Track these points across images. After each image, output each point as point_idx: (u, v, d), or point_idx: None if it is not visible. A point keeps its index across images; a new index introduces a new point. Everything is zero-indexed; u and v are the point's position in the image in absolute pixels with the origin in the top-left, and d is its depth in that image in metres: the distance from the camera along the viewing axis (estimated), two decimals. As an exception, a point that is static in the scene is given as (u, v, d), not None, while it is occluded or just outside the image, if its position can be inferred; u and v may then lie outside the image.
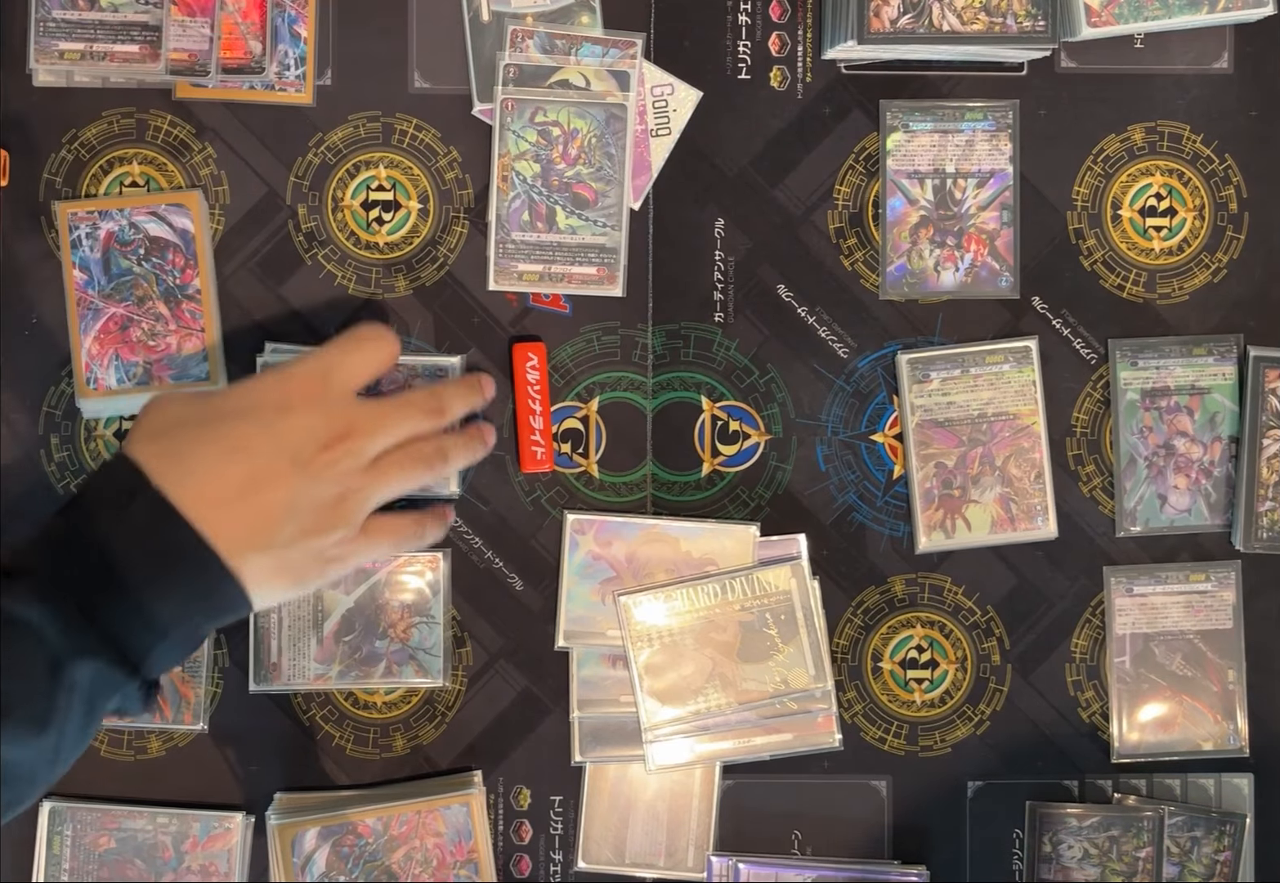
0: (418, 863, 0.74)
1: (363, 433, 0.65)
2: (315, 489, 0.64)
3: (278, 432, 0.63)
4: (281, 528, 0.63)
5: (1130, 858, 0.77)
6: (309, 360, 0.66)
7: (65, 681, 0.58)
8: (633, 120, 0.75)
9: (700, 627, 0.75)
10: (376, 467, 0.66)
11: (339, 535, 0.65)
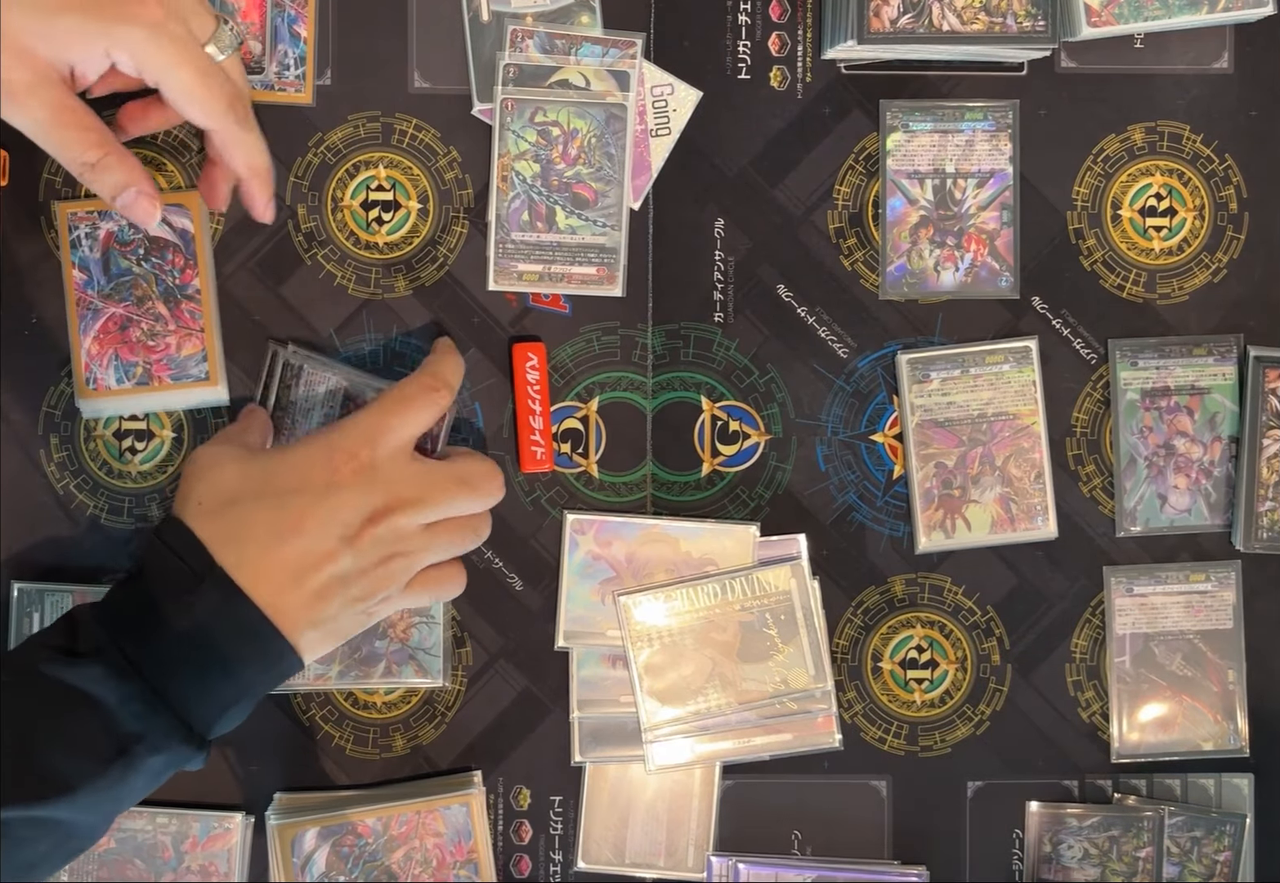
0: (418, 863, 0.74)
1: (409, 506, 0.65)
2: (363, 560, 0.64)
3: (329, 509, 0.64)
4: (332, 603, 0.64)
5: (1130, 858, 0.77)
6: (356, 427, 0.66)
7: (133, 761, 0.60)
8: (633, 120, 0.75)
9: (700, 627, 0.75)
10: (423, 534, 0.67)
11: (383, 596, 0.66)
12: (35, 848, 0.59)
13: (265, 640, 0.63)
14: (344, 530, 0.64)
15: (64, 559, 0.75)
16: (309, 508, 0.64)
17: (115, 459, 0.75)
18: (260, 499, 0.64)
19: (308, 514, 0.63)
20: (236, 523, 0.63)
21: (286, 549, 0.63)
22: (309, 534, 0.63)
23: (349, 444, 0.65)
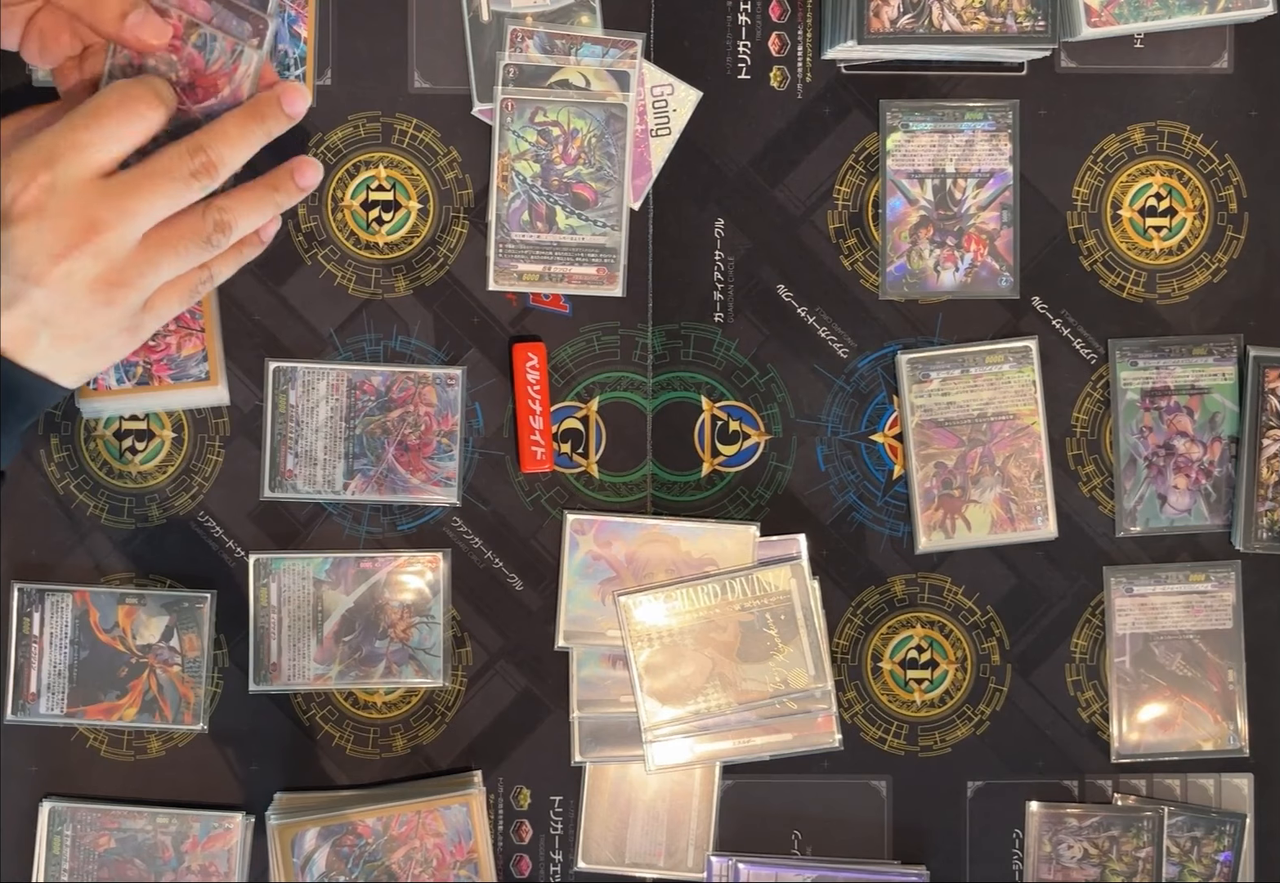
0: (418, 863, 0.74)
1: (107, 227, 0.56)
2: (64, 300, 0.57)
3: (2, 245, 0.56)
4: (34, 344, 0.57)
5: (1130, 858, 0.77)
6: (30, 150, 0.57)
7: None
8: (633, 120, 0.75)
9: (700, 627, 0.76)
10: (142, 255, 0.58)
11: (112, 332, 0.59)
12: None
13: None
14: (25, 269, 0.56)
15: (64, 559, 0.75)
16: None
17: (115, 459, 0.75)
18: None
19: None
20: None
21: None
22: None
23: (26, 165, 0.56)
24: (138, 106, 0.58)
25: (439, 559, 0.76)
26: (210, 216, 0.59)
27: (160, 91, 0.59)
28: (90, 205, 0.56)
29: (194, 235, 0.59)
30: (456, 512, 0.76)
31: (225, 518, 0.75)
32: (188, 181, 0.58)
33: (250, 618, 0.75)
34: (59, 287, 0.56)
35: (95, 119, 0.57)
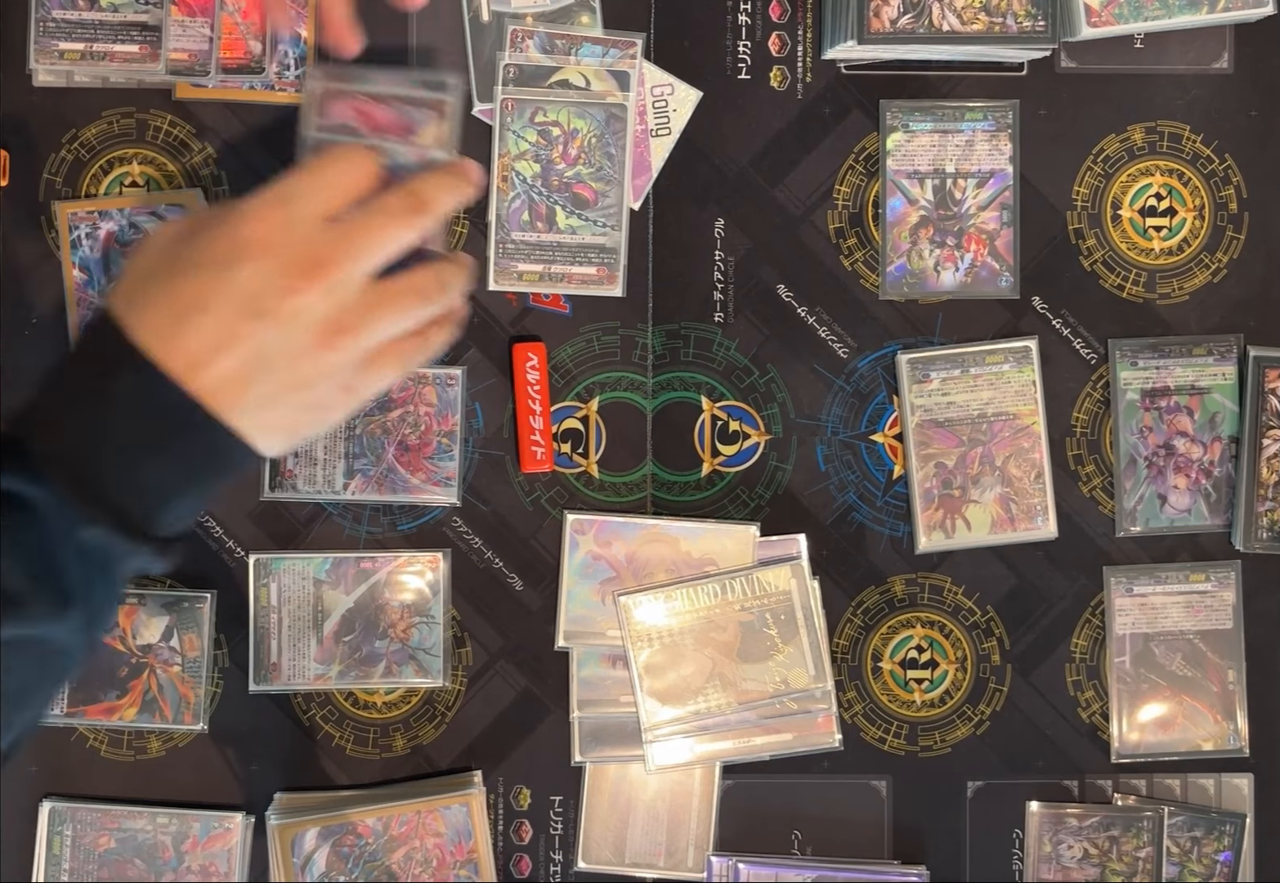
0: (418, 863, 0.74)
1: (333, 265, 0.57)
2: (288, 339, 0.57)
3: (235, 283, 0.56)
4: (251, 388, 0.57)
5: (1130, 858, 0.77)
6: (265, 194, 0.58)
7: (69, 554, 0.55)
8: (633, 120, 0.75)
9: (700, 627, 0.76)
10: (365, 302, 0.58)
11: (332, 385, 0.59)
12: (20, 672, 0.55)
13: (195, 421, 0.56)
14: (255, 306, 0.56)
15: (64, 559, 0.75)
16: (210, 282, 0.56)
17: (115, 459, 0.75)
18: (165, 282, 0.57)
19: (208, 289, 0.56)
20: (151, 300, 0.57)
21: (190, 330, 0.56)
22: (212, 312, 0.56)
23: (260, 206, 0.58)
24: (356, 159, 0.60)
25: (439, 559, 0.76)
26: (430, 274, 0.61)
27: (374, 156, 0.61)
28: (319, 244, 0.57)
29: (414, 290, 0.60)
30: (456, 512, 0.76)
31: (225, 518, 0.75)
32: (409, 216, 0.59)
33: (250, 618, 0.75)
34: (286, 325, 0.57)
35: (320, 168, 0.59)
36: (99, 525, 0.55)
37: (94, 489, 0.55)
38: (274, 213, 0.57)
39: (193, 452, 0.57)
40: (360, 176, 0.60)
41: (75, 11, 0.72)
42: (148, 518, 0.57)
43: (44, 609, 0.55)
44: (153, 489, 0.56)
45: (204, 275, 0.57)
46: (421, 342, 0.62)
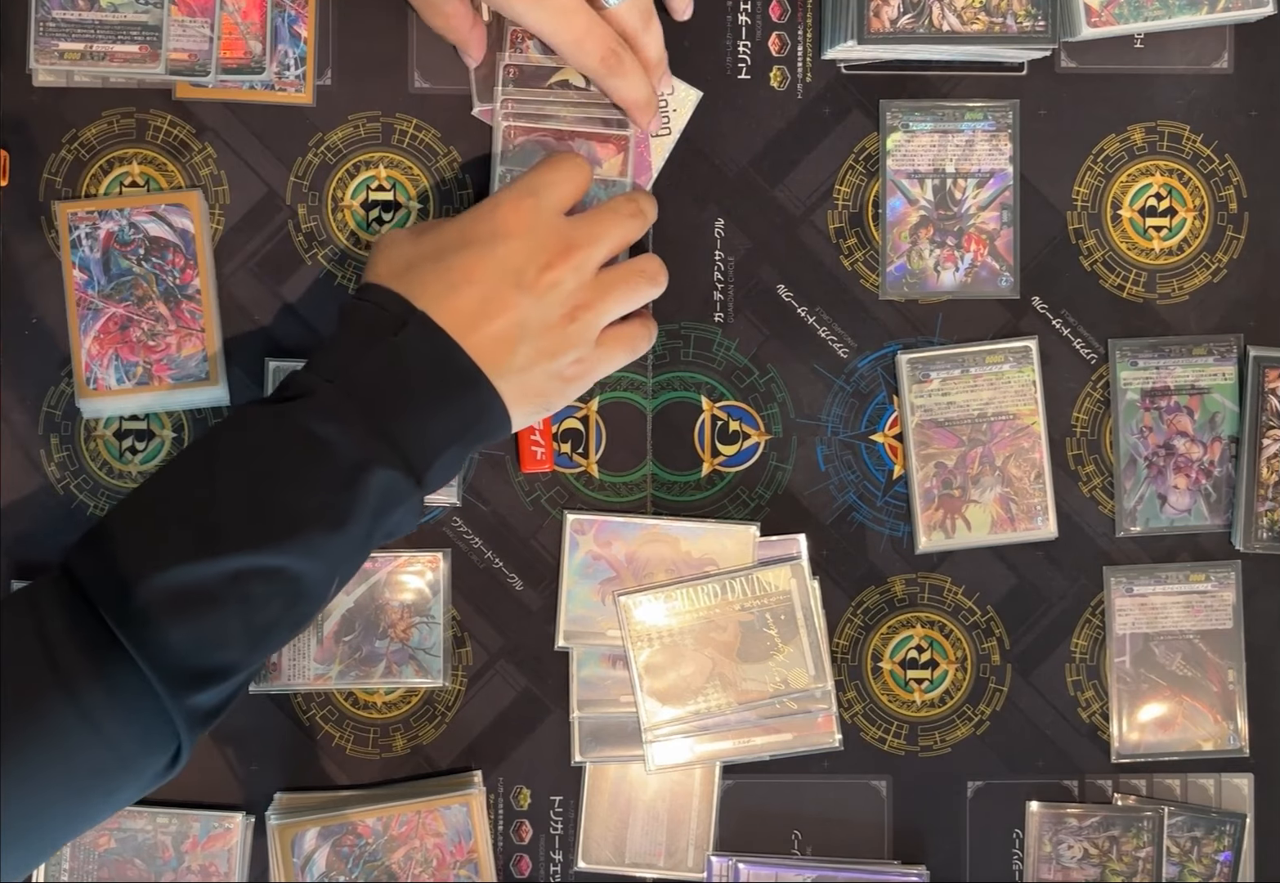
0: (418, 863, 0.74)
1: (581, 247, 0.67)
2: (543, 311, 0.66)
3: (499, 258, 0.66)
4: (516, 351, 0.65)
5: (1130, 858, 0.77)
6: (515, 187, 0.68)
7: (360, 489, 0.61)
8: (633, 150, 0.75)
9: (700, 627, 0.76)
10: (600, 282, 0.68)
11: (574, 355, 0.68)
12: (270, 607, 0.60)
13: (472, 381, 0.64)
14: (518, 279, 0.66)
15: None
16: (478, 257, 0.66)
17: (115, 459, 0.75)
18: (434, 259, 0.66)
19: (477, 263, 0.65)
20: (418, 278, 0.65)
21: (461, 297, 0.65)
22: (480, 282, 0.65)
23: (512, 199, 0.67)
24: (579, 161, 0.70)
25: (439, 559, 0.76)
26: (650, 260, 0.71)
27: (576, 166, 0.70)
28: (565, 229, 0.68)
29: (640, 272, 0.70)
30: (456, 512, 0.76)
31: (225, 518, 0.75)
32: (632, 218, 0.70)
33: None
34: (543, 296, 0.66)
35: (556, 165, 0.69)
36: (389, 465, 0.61)
37: (388, 432, 0.62)
38: (526, 202, 0.67)
39: (465, 408, 0.65)
40: (585, 178, 0.69)
41: (75, 11, 0.72)
42: (424, 467, 0.63)
43: (317, 535, 0.60)
44: (431, 440, 0.63)
45: (471, 252, 0.66)
46: (643, 328, 0.72)
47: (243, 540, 0.59)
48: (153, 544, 0.59)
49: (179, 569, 0.58)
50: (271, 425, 0.62)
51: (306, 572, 0.60)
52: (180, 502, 0.60)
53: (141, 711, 0.58)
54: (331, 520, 0.60)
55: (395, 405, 0.63)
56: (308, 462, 0.61)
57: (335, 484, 0.60)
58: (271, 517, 0.60)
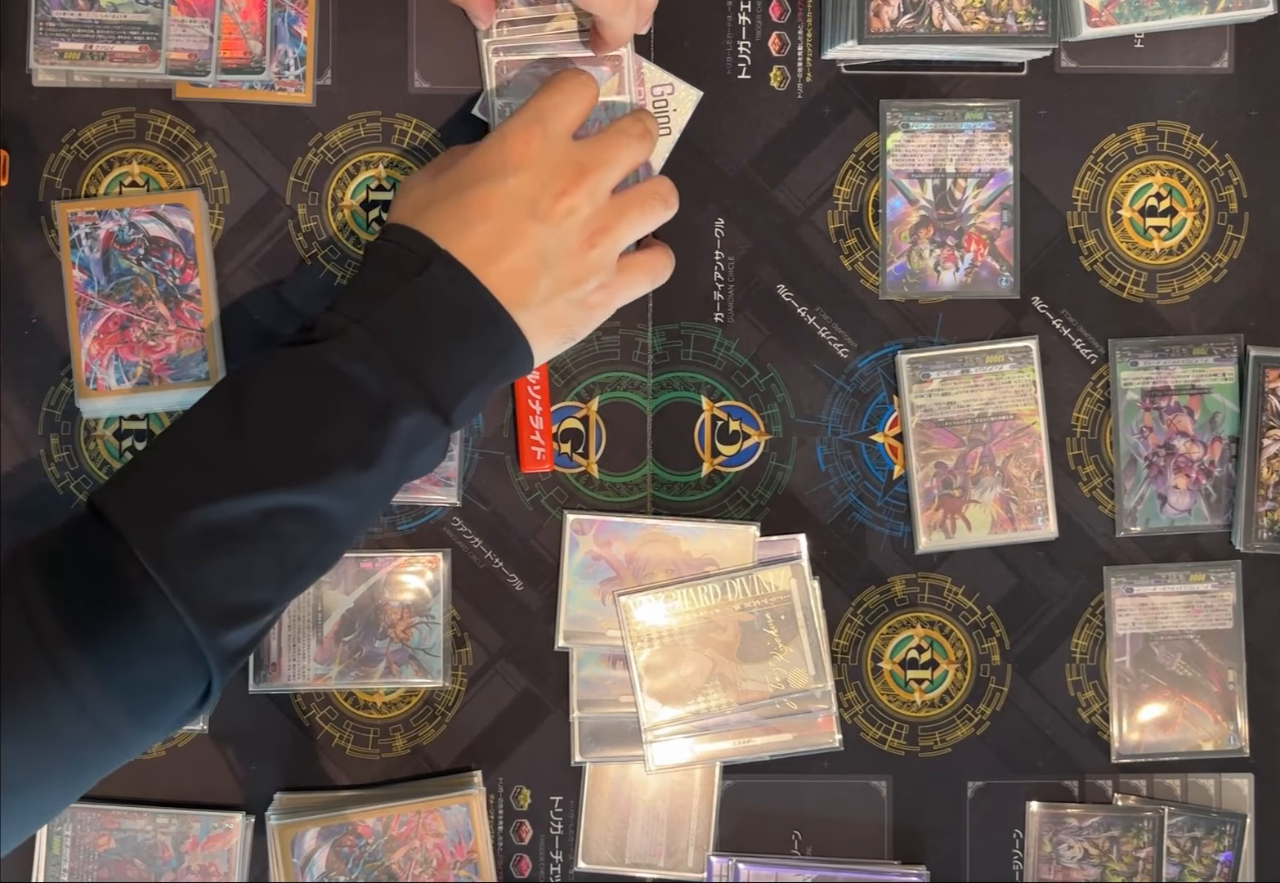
0: (418, 863, 0.74)
1: (593, 171, 0.67)
2: (561, 239, 0.66)
3: (511, 189, 0.65)
4: (538, 282, 0.65)
5: (1130, 858, 0.77)
6: (521, 114, 0.67)
7: (389, 428, 0.61)
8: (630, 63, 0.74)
9: (700, 627, 0.75)
10: (615, 205, 0.68)
11: (596, 281, 0.68)
12: (300, 545, 0.61)
13: (494, 317, 0.64)
14: (532, 209, 0.65)
15: (64, 559, 0.75)
16: (491, 191, 0.65)
17: (115, 459, 0.75)
18: (449, 197, 0.66)
19: (490, 197, 0.65)
20: (437, 215, 0.65)
21: (478, 232, 0.65)
22: (496, 215, 0.65)
23: (518, 128, 0.67)
24: (582, 79, 0.68)
25: (439, 559, 0.76)
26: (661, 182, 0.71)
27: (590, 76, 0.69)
28: (575, 153, 0.67)
29: (653, 194, 0.69)
30: (456, 512, 0.76)
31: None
32: (640, 138, 0.69)
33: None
34: (559, 224, 0.66)
35: (559, 88, 0.68)
36: (416, 405, 0.62)
37: (414, 371, 0.62)
38: (534, 129, 0.66)
39: (488, 343, 0.65)
40: (590, 95, 0.68)
41: (75, 11, 0.72)
42: (450, 405, 0.64)
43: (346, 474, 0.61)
44: (457, 376, 0.64)
45: (484, 186, 0.65)
46: (664, 254, 0.72)
47: (275, 479, 0.59)
48: (187, 482, 0.60)
49: (213, 507, 0.58)
50: (300, 367, 0.62)
51: (337, 510, 0.61)
52: (212, 441, 0.61)
53: (171, 649, 0.58)
54: (361, 460, 0.61)
55: (421, 344, 0.63)
56: (337, 402, 0.61)
57: (364, 424, 0.61)
58: (302, 456, 0.60)
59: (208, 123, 0.75)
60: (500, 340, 0.65)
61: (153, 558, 0.58)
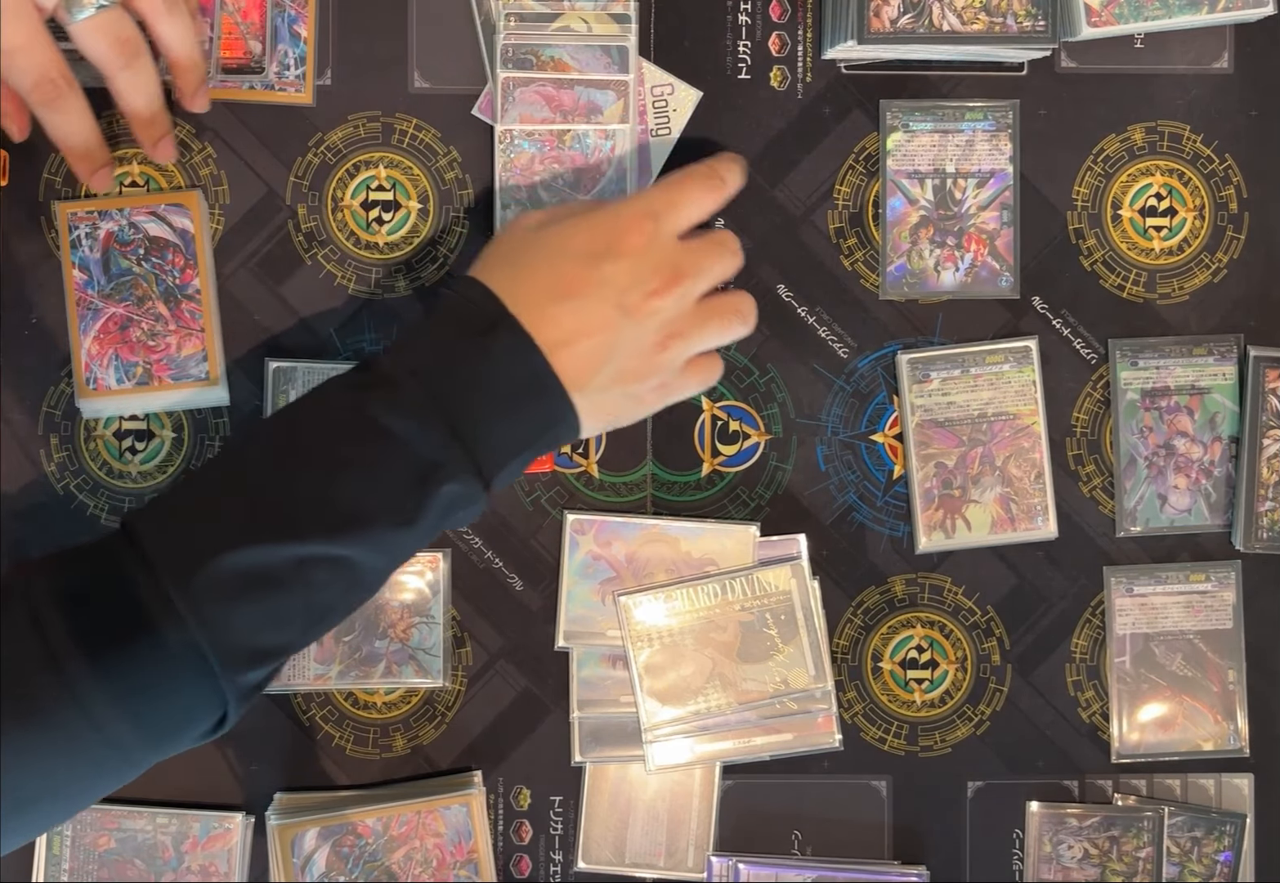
0: (418, 863, 0.74)
1: (687, 277, 0.66)
2: (638, 335, 0.66)
3: (606, 275, 0.65)
4: (601, 372, 0.65)
5: (1130, 858, 0.77)
6: (640, 202, 0.67)
7: (431, 491, 0.61)
8: (634, 61, 0.74)
9: (700, 627, 0.76)
10: (697, 314, 0.68)
11: (657, 381, 0.68)
12: (328, 593, 0.61)
13: (549, 391, 0.64)
14: (620, 299, 0.65)
15: (64, 559, 0.75)
16: (585, 272, 0.65)
17: (115, 459, 0.75)
18: (543, 259, 0.66)
19: (583, 278, 0.65)
20: (518, 280, 0.65)
21: (560, 310, 0.64)
22: (582, 296, 0.64)
23: (634, 215, 0.66)
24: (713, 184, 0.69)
25: (439, 559, 0.76)
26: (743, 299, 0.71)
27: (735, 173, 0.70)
28: (675, 256, 0.66)
29: (735, 310, 0.69)
30: (456, 512, 0.76)
31: (225, 518, 0.75)
32: (735, 255, 0.70)
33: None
34: (641, 321, 0.65)
35: (683, 189, 0.68)
36: (462, 470, 0.62)
37: (463, 436, 0.62)
38: (645, 224, 0.66)
39: (538, 419, 0.65)
40: (713, 202, 0.69)
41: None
42: (494, 473, 0.64)
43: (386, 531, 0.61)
44: (502, 446, 0.63)
45: (580, 265, 0.65)
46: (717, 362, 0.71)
47: (314, 530, 0.60)
48: (228, 523, 0.60)
49: (250, 551, 0.59)
50: (352, 417, 0.62)
51: (370, 563, 0.61)
52: (256, 483, 0.61)
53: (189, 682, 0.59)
54: (401, 519, 0.61)
55: (474, 410, 0.63)
56: (385, 458, 0.61)
57: (409, 484, 0.61)
58: (344, 508, 0.60)
59: (208, 123, 0.75)
60: (553, 416, 0.65)
61: (184, 595, 0.58)
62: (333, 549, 0.60)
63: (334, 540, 0.60)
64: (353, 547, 0.60)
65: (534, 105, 0.73)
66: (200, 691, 0.59)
